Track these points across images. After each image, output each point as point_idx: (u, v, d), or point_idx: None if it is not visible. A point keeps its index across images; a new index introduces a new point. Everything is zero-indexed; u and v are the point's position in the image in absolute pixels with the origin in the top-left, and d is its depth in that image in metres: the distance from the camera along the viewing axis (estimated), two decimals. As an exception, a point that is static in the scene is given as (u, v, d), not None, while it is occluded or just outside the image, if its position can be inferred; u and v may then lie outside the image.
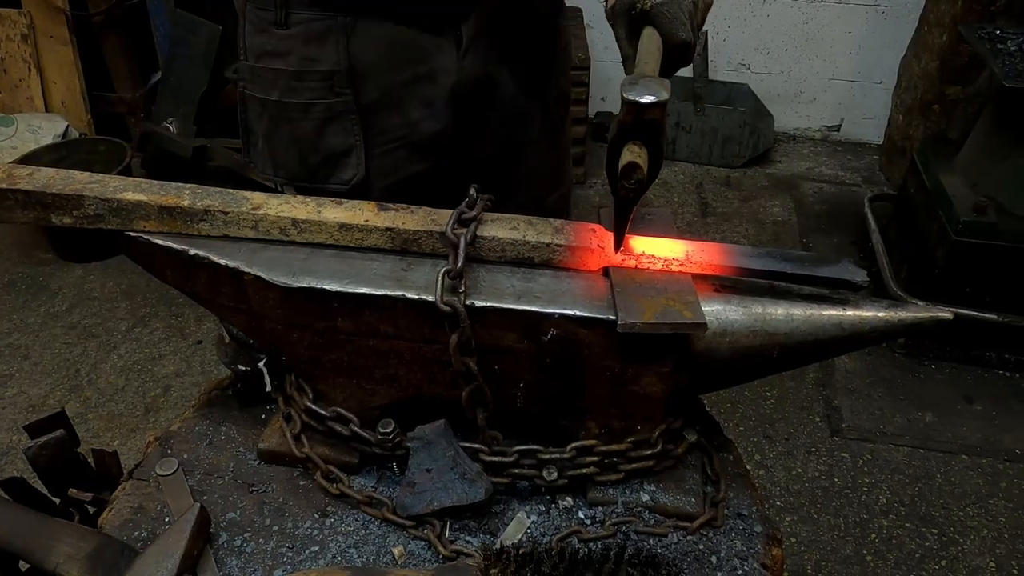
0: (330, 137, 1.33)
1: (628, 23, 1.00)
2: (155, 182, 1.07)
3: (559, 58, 1.48)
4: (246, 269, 0.99)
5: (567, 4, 1.49)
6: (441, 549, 1.00)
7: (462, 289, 0.94)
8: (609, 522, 1.03)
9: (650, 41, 0.96)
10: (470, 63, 1.31)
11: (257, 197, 1.06)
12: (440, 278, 0.93)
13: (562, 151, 1.59)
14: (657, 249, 1.01)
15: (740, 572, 1.00)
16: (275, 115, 1.35)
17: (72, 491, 1.14)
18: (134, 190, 1.04)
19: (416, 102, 1.32)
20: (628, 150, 0.87)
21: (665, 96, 0.83)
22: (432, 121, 1.34)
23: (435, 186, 1.38)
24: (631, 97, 0.83)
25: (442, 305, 0.92)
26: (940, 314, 0.98)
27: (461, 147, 1.38)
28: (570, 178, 1.65)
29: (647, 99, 0.83)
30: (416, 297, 0.95)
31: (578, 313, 0.93)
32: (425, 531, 1.02)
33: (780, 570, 1.04)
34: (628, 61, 1.00)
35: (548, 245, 1.01)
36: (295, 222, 1.03)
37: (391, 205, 1.06)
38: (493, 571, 0.91)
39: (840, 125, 4.58)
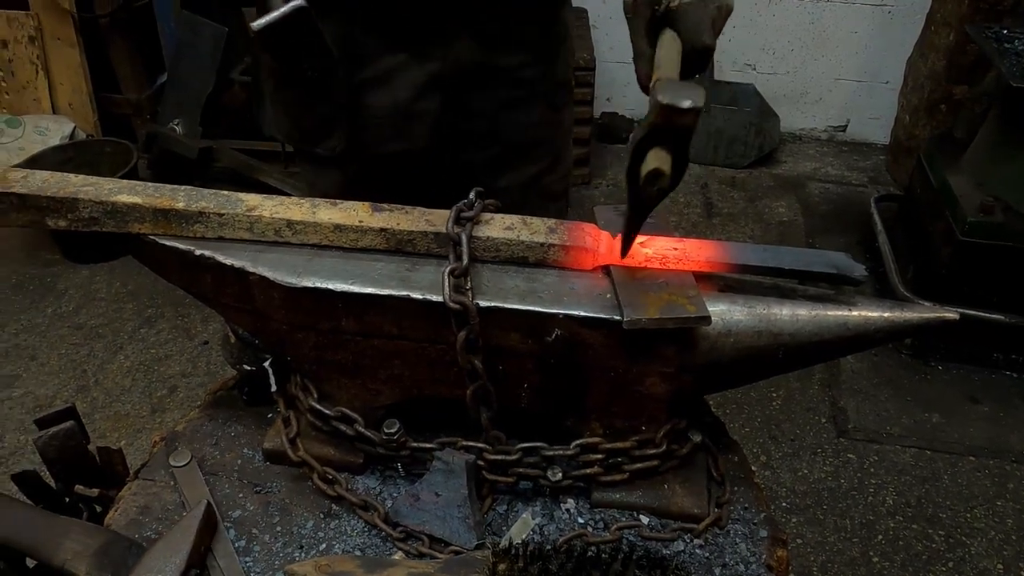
0: (320, 106, 1.37)
1: (649, 19, 0.97)
2: (150, 184, 1.07)
3: (559, 47, 1.49)
4: (251, 269, 0.99)
5: (573, 4, 1.50)
6: (438, 555, 1.00)
7: (468, 286, 0.94)
8: (615, 526, 1.03)
9: (671, 46, 0.93)
10: (461, 48, 1.34)
11: (252, 199, 1.06)
12: (446, 277, 0.94)
13: (561, 139, 1.60)
14: (655, 247, 1.01)
15: (746, 574, 0.99)
16: (278, 78, 1.39)
17: (79, 487, 1.14)
18: (128, 193, 1.04)
19: (405, 83, 1.36)
20: (654, 155, 0.83)
21: (701, 103, 0.79)
22: (420, 103, 1.37)
23: (423, 166, 1.43)
24: (667, 101, 0.78)
25: (451, 303, 0.92)
26: (946, 315, 0.98)
27: (450, 130, 1.42)
28: (569, 162, 1.66)
29: (686, 104, 0.78)
30: (421, 297, 0.95)
31: (582, 313, 0.93)
32: (414, 544, 1.02)
33: (786, 571, 1.03)
34: (641, 58, 0.97)
35: (542, 245, 1.01)
36: (290, 223, 1.03)
37: (385, 206, 1.05)
38: (501, 567, 0.91)
39: (846, 125, 4.57)
